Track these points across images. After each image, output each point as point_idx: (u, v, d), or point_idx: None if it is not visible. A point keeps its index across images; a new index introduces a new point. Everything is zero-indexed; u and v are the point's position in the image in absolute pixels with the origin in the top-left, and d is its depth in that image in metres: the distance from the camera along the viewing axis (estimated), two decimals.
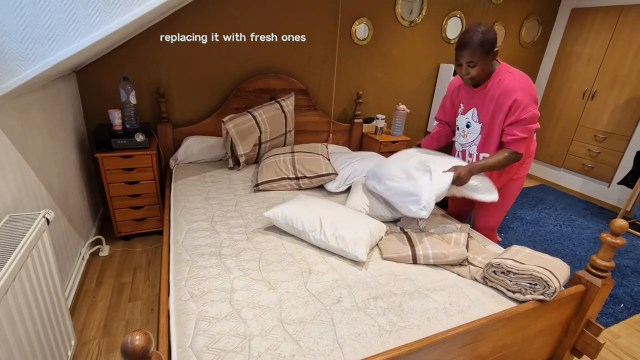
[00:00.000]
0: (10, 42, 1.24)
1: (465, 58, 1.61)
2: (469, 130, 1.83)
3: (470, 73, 1.64)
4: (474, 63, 1.60)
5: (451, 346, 1.23)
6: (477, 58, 1.58)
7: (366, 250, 1.60)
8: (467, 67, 1.63)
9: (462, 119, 1.85)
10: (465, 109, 1.81)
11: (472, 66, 1.62)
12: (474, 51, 1.57)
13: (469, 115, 1.81)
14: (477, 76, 1.65)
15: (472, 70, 1.63)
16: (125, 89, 2.36)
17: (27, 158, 1.63)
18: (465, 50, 1.58)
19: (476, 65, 1.61)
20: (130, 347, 0.71)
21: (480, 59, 1.59)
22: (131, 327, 1.85)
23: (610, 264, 1.46)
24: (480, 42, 1.55)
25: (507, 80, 1.62)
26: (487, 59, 1.60)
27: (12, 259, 1.11)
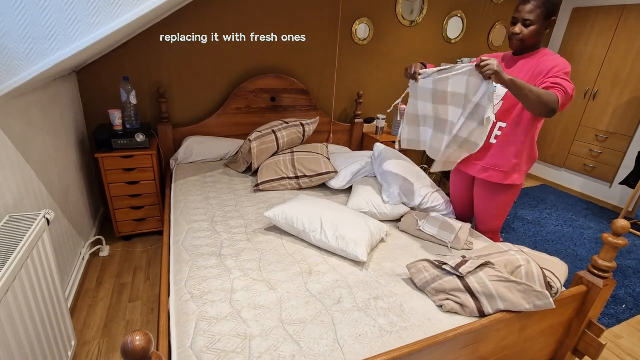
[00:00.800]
0: (11, 42, 1.24)
1: (524, 13, 1.57)
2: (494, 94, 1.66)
3: (523, 33, 1.60)
4: (530, 22, 1.57)
5: (452, 347, 1.23)
6: (537, 17, 1.56)
7: (367, 250, 1.59)
8: (521, 26, 1.60)
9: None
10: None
11: (527, 25, 1.58)
12: (535, 8, 1.55)
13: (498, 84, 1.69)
14: (527, 38, 1.60)
15: (526, 30, 1.59)
16: (125, 89, 2.36)
17: (27, 158, 1.63)
18: (528, 5, 1.56)
19: (532, 25, 1.57)
20: (130, 348, 0.71)
21: (538, 19, 1.56)
22: (131, 328, 1.84)
23: (612, 264, 1.46)
24: (545, 1, 1.54)
25: (552, 55, 1.62)
26: (544, 23, 1.58)
27: (12, 259, 1.11)
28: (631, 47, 3.44)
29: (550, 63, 1.59)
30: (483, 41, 3.77)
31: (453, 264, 1.41)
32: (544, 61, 1.61)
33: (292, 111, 3.11)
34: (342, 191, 2.37)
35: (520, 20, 1.60)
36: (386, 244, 1.79)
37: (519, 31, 1.62)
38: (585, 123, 3.87)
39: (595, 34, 3.72)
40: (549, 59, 1.61)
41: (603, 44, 3.66)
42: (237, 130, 2.98)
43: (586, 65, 3.82)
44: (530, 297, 1.30)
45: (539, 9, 1.55)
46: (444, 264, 1.43)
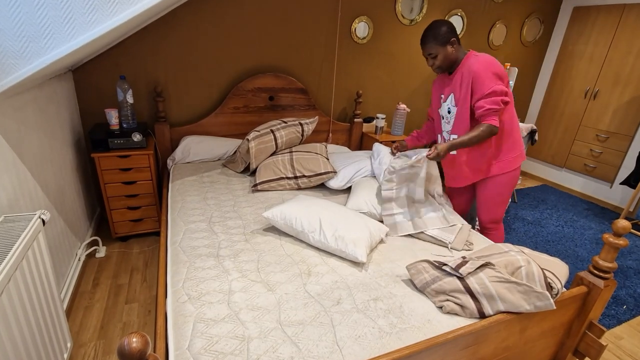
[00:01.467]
0: (5, 40, 1.23)
1: (425, 52, 1.81)
2: (450, 115, 1.92)
3: (435, 63, 1.81)
4: (433, 54, 1.79)
5: (452, 348, 1.21)
6: (435, 50, 1.77)
7: (366, 251, 1.58)
8: (431, 59, 1.82)
9: (445, 107, 1.94)
10: (446, 96, 1.91)
11: (433, 57, 1.80)
12: (430, 45, 1.77)
13: (449, 102, 1.90)
14: (441, 65, 1.81)
15: (435, 60, 1.80)
16: (122, 88, 2.34)
17: (22, 158, 1.61)
18: (425, 46, 1.80)
19: (437, 56, 1.78)
20: (127, 350, 0.70)
21: (438, 50, 1.76)
22: (128, 330, 1.83)
23: (612, 265, 1.45)
24: (433, 36, 1.75)
25: (471, 61, 1.76)
26: (445, 49, 1.76)
27: (7, 260, 1.10)
28: (632, 46, 3.43)
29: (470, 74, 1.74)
30: (483, 40, 3.76)
31: (453, 265, 1.40)
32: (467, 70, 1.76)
33: (291, 110, 3.10)
34: (341, 191, 2.36)
35: (427, 57, 1.83)
36: (386, 244, 1.78)
37: (431, 63, 1.84)
38: (586, 123, 3.86)
39: (596, 33, 3.71)
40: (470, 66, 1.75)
41: (603, 43, 3.65)
42: (235, 129, 2.97)
43: (587, 65, 3.81)
44: (531, 297, 1.28)
45: (432, 43, 1.77)
46: (444, 264, 1.42)
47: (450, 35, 1.75)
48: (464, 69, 1.78)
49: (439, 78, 1.99)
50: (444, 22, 1.76)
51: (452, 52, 1.78)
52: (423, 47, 1.81)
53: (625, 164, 3.56)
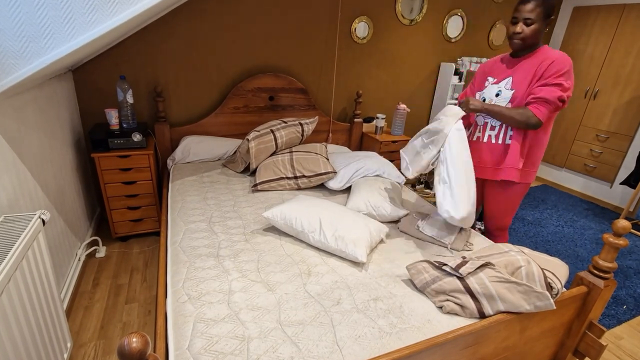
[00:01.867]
0: (5, 40, 1.23)
1: (524, 13, 1.60)
2: (497, 99, 1.78)
3: (524, 31, 1.63)
4: (531, 21, 1.60)
5: (452, 348, 1.21)
6: (537, 16, 1.59)
7: (366, 251, 1.58)
8: (522, 25, 1.63)
9: (493, 89, 1.81)
10: (500, 79, 1.79)
11: (528, 24, 1.61)
12: (535, 8, 1.58)
13: (502, 84, 1.77)
14: (528, 36, 1.63)
15: (527, 29, 1.62)
16: (122, 88, 2.34)
17: (22, 158, 1.61)
18: (528, 5, 1.59)
19: (533, 24, 1.61)
20: (127, 350, 0.70)
21: (539, 18, 1.59)
22: (128, 330, 1.83)
23: (612, 265, 1.44)
24: (543, 0, 1.57)
25: (551, 52, 1.64)
26: (543, 22, 1.61)
27: (7, 260, 1.10)
28: (632, 46, 3.43)
29: (548, 61, 1.62)
30: (483, 40, 3.75)
31: (453, 265, 1.40)
32: (545, 58, 1.63)
33: (291, 110, 3.10)
34: (341, 191, 2.36)
35: (521, 20, 1.63)
36: (385, 244, 1.78)
37: (520, 30, 1.64)
38: (586, 123, 3.86)
39: (596, 33, 3.71)
40: (548, 57, 1.63)
41: (603, 43, 3.65)
42: (235, 129, 2.97)
43: (587, 65, 3.81)
44: (531, 297, 1.28)
45: (539, 7, 1.58)
46: (444, 264, 1.42)
47: (554, 13, 1.62)
48: (539, 56, 1.65)
49: (495, 61, 1.86)
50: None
51: (543, 31, 1.64)
52: (524, 5, 1.60)
53: (625, 164, 3.56)
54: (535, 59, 1.67)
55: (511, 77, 1.74)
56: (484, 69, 1.91)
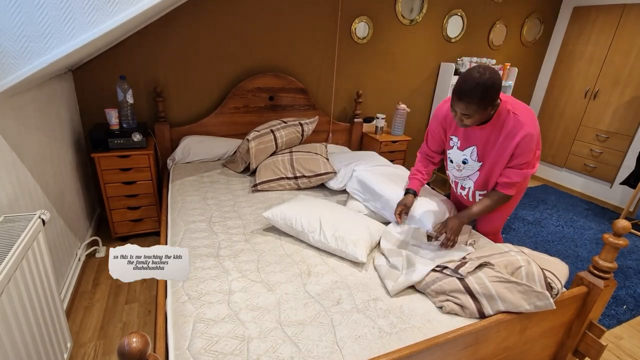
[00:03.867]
0: (6, 40, 1.23)
1: (459, 109, 1.41)
2: (466, 167, 1.70)
3: (465, 122, 1.46)
4: (469, 116, 1.42)
5: (452, 348, 1.21)
6: (474, 111, 1.39)
7: (366, 251, 1.58)
8: (461, 116, 1.45)
9: (459, 155, 1.69)
10: (463, 146, 1.65)
11: (467, 118, 1.44)
12: (470, 105, 1.37)
13: (467, 153, 1.65)
14: (472, 125, 1.48)
15: (467, 120, 1.44)
16: (122, 87, 2.34)
17: (22, 158, 1.61)
18: (461, 102, 1.38)
19: (471, 118, 1.42)
20: (127, 350, 0.70)
21: (477, 112, 1.39)
22: (128, 330, 1.83)
23: (612, 265, 1.44)
24: (480, 97, 1.35)
25: (511, 122, 1.46)
26: (485, 112, 1.41)
27: (7, 260, 1.10)
28: (632, 46, 3.43)
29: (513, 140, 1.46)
30: (483, 40, 3.75)
31: (453, 266, 1.40)
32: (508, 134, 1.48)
33: (291, 110, 3.10)
34: (342, 191, 2.36)
35: (457, 112, 1.45)
36: None
37: (460, 121, 1.48)
38: (586, 123, 3.86)
39: (596, 33, 3.71)
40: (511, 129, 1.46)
41: (603, 43, 3.65)
42: (235, 129, 2.96)
43: (587, 65, 3.81)
44: (531, 297, 1.28)
45: (475, 104, 1.37)
46: (444, 267, 1.42)
47: (498, 98, 1.40)
48: (499, 128, 1.49)
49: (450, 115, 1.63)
50: (493, 75, 1.34)
51: (490, 113, 1.44)
52: (457, 103, 1.40)
53: (626, 164, 3.56)
54: (497, 130, 1.51)
55: (475, 148, 1.61)
56: (442, 121, 1.71)
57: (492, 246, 1.58)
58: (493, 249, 1.52)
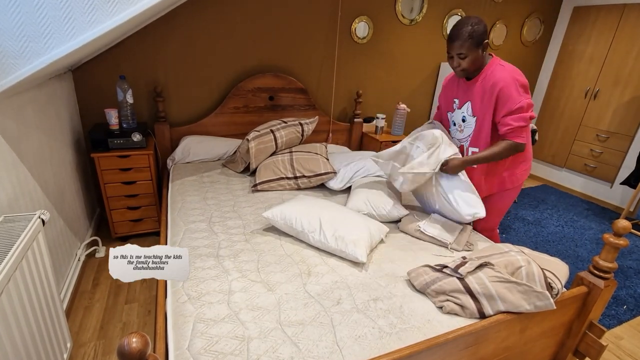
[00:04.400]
0: (5, 40, 1.22)
1: (455, 50, 1.64)
2: (465, 124, 1.83)
3: (462, 65, 1.66)
4: (464, 55, 1.63)
5: (452, 348, 1.21)
6: (467, 50, 1.61)
7: (366, 251, 1.58)
8: (458, 59, 1.66)
9: (459, 114, 1.85)
10: (461, 103, 1.82)
11: (462, 58, 1.64)
12: (463, 43, 1.60)
13: (465, 109, 1.81)
14: (468, 68, 1.67)
15: (463, 62, 1.65)
16: (122, 87, 2.34)
17: (22, 158, 1.61)
18: (456, 42, 1.62)
19: (467, 57, 1.63)
20: (127, 350, 0.69)
21: (470, 50, 1.61)
22: (128, 330, 1.83)
23: (613, 265, 1.44)
24: (469, 34, 1.58)
25: (497, 72, 1.64)
26: (477, 51, 1.62)
27: (6, 260, 1.09)
28: (632, 46, 3.43)
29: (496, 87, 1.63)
30: None
31: (453, 266, 1.40)
32: (493, 83, 1.64)
33: (291, 110, 3.10)
34: (341, 191, 2.36)
35: (454, 56, 1.67)
36: (386, 244, 1.78)
37: (457, 64, 1.68)
38: (586, 123, 3.86)
39: (596, 33, 3.71)
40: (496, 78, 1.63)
41: (604, 43, 3.65)
42: (235, 129, 2.96)
43: (587, 65, 3.81)
44: (531, 297, 1.28)
45: (466, 42, 1.60)
46: (445, 267, 1.42)
47: (485, 37, 1.61)
48: (487, 78, 1.67)
49: (453, 80, 1.86)
50: (479, 19, 1.61)
51: (481, 57, 1.65)
52: (452, 43, 1.64)
53: (626, 164, 3.56)
54: (485, 81, 1.68)
55: (470, 103, 1.77)
56: (447, 87, 1.92)
57: (492, 246, 1.58)
58: (493, 249, 1.52)
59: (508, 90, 1.60)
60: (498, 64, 1.67)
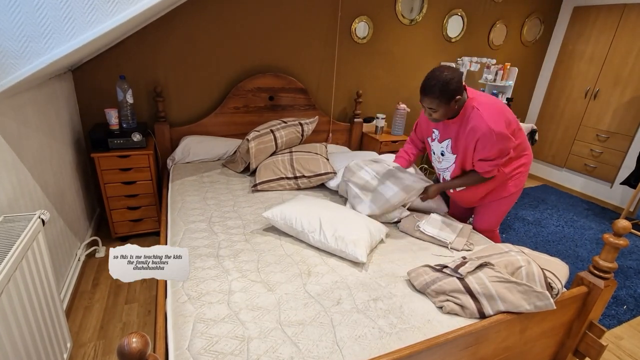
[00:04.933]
0: (5, 40, 1.22)
1: (426, 104, 1.63)
2: (443, 158, 1.87)
3: (433, 116, 1.66)
4: (434, 109, 1.62)
5: (452, 348, 1.21)
6: (437, 105, 1.60)
7: (366, 251, 1.58)
8: (429, 110, 1.65)
9: (438, 147, 1.87)
10: (442, 138, 1.82)
11: (433, 111, 1.64)
12: (433, 99, 1.58)
13: (444, 145, 1.82)
14: (440, 118, 1.67)
15: (435, 114, 1.65)
16: (122, 87, 2.34)
17: (22, 158, 1.61)
18: (426, 97, 1.60)
19: (437, 111, 1.63)
20: (127, 350, 0.69)
21: (440, 106, 1.60)
22: (128, 330, 1.83)
23: (613, 265, 1.44)
24: (440, 90, 1.55)
25: (473, 117, 1.62)
26: (448, 106, 1.60)
27: (6, 260, 1.09)
28: (632, 46, 3.43)
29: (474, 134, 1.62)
30: (483, 40, 3.75)
31: (453, 266, 1.40)
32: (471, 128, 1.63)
33: (291, 110, 3.10)
34: None
35: (425, 107, 1.66)
36: (386, 244, 1.78)
37: (428, 115, 1.68)
38: (586, 123, 3.86)
39: (596, 33, 3.71)
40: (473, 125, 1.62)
41: (604, 43, 3.65)
42: (235, 129, 2.96)
43: (587, 65, 3.81)
44: (531, 297, 1.28)
45: (437, 98, 1.57)
46: (445, 267, 1.42)
47: (457, 91, 1.57)
48: (465, 122, 1.65)
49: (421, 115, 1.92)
50: (453, 73, 1.55)
51: (453, 108, 1.62)
52: (424, 97, 1.61)
53: (626, 164, 3.56)
54: (464, 124, 1.66)
55: (450, 141, 1.77)
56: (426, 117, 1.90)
57: (492, 246, 1.58)
58: (493, 249, 1.52)
59: (484, 140, 1.60)
60: (473, 106, 1.63)
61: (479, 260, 1.40)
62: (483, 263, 1.38)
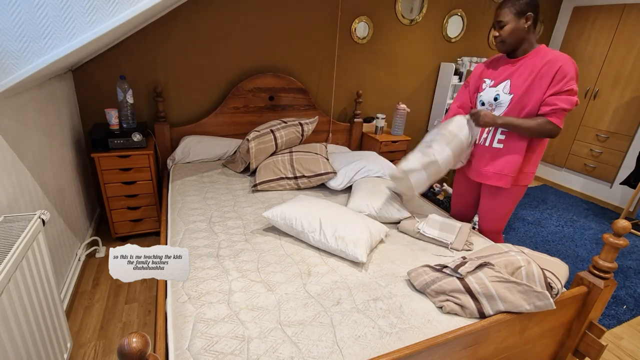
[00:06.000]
0: (5, 41, 1.23)
1: (497, 18, 1.65)
2: (497, 103, 1.76)
3: (500, 35, 1.65)
4: (504, 23, 1.62)
5: (452, 348, 1.21)
6: (508, 18, 1.61)
7: (366, 251, 1.58)
8: (497, 28, 1.65)
9: (491, 92, 1.77)
10: (497, 82, 1.76)
11: (501, 26, 1.63)
12: (505, 10, 1.61)
13: (500, 88, 1.74)
14: (505, 39, 1.65)
15: (502, 31, 1.64)
16: (122, 88, 2.34)
17: (22, 158, 1.61)
18: (498, 10, 1.64)
19: (506, 25, 1.62)
20: (127, 350, 0.70)
21: (510, 19, 1.60)
22: (128, 330, 1.83)
23: (612, 265, 1.44)
24: (512, 1, 1.59)
25: (552, 53, 1.61)
26: (517, 21, 1.60)
27: (6, 260, 1.10)
28: (632, 46, 3.43)
29: (554, 65, 1.57)
30: (483, 40, 3.75)
31: (452, 266, 1.40)
32: (549, 61, 1.59)
33: (291, 110, 3.10)
34: (342, 191, 2.36)
35: (495, 24, 1.67)
36: (386, 244, 1.78)
37: (497, 34, 1.68)
38: (586, 123, 3.86)
39: (596, 33, 3.71)
40: (552, 57, 1.58)
41: (604, 43, 3.65)
42: (235, 129, 2.97)
43: (587, 65, 3.81)
44: (531, 297, 1.28)
45: (508, 9, 1.61)
46: (445, 266, 1.42)
47: (530, 9, 1.58)
48: (539, 58, 1.62)
49: (493, 61, 1.83)
50: None
51: (523, 29, 1.61)
52: (496, 11, 1.65)
53: (626, 164, 3.56)
54: (535, 59, 1.63)
55: (509, 81, 1.71)
56: (480, 69, 1.88)
57: (492, 246, 1.58)
58: (493, 249, 1.52)
59: (567, 69, 1.54)
60: (550, 51, 1.62)
61: (478, 260, 1.40)
62: (483, 263, 1.38)
